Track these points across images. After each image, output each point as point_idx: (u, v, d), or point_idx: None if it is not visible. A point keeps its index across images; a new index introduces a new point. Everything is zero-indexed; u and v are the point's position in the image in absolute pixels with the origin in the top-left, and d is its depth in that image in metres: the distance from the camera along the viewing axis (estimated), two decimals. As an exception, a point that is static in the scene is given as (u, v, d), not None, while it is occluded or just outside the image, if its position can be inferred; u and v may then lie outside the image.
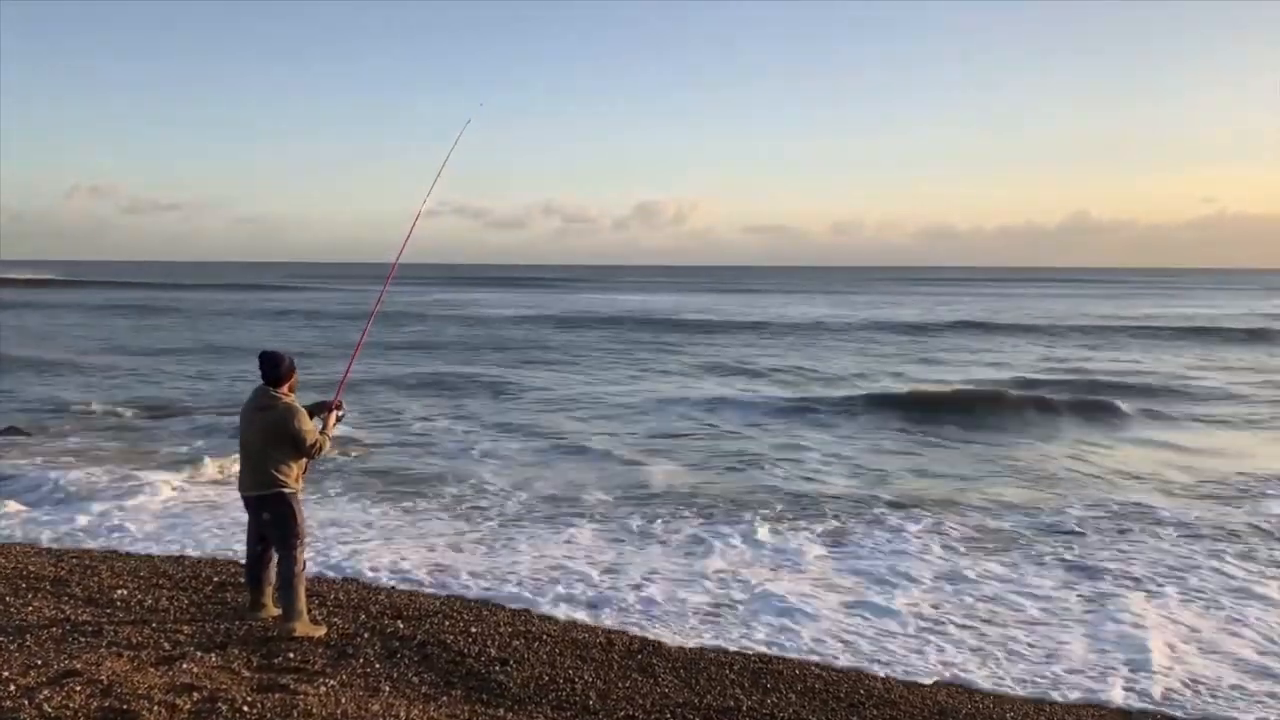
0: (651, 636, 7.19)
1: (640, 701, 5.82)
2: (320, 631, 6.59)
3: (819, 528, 10.60)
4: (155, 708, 4.96)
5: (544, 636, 6.91)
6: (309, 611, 6.69)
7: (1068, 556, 9.62)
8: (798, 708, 5.92)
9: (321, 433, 6.65)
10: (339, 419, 6.93)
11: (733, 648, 7.06)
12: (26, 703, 4.92)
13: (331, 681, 5.69)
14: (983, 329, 43.23)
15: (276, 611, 6.71)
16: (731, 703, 5.91)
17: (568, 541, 9.88)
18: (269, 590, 6.78)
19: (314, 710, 5.11)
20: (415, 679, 5.95)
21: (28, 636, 6.20)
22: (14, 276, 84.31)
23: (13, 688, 5.13)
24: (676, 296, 79.53)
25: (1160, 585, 8.79)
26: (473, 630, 6.88)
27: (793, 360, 29.81)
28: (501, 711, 5.53)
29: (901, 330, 43.09)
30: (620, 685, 6.07)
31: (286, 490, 6.50)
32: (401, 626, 6.87)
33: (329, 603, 7.36)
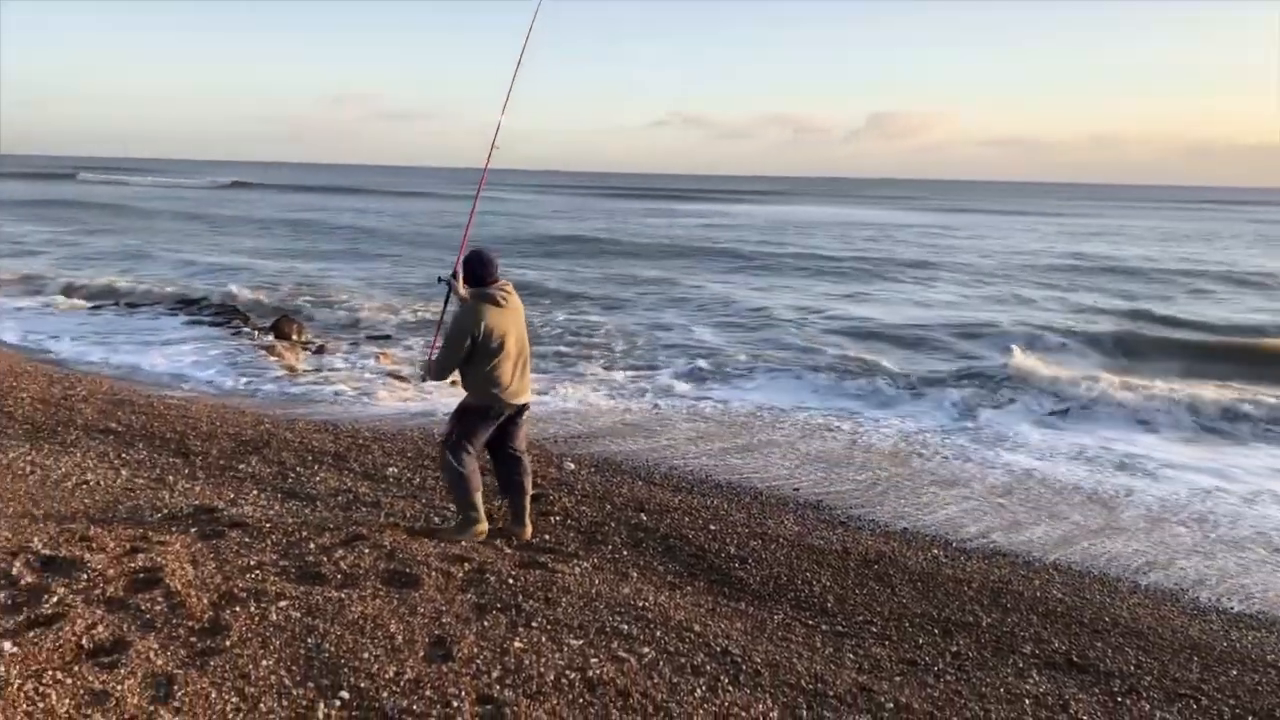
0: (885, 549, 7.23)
1: (878, 609, 5.89)
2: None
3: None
4: (433, 573, 5.47)
5: (780, 539, 7.07)
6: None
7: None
8: (1039, 629, 5.83)
9: None
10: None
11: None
12: (325, 559, 5.54)
13: (585, 564, 6.07)
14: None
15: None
16: (970, 619, 5.89)
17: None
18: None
19: (571, 587, 5.48)
20: (660, 568, 6.26)
21: (318, 504, 6.94)
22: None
23: (312, 545, 5.79)
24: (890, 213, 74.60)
25: None
26: (711, 528, 7.13)
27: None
28: (743, 605, 5.74)
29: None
30: (857, 592, 6.16)
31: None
32: (644, 519, 7.21)
33: (576, 491, 7.80)
